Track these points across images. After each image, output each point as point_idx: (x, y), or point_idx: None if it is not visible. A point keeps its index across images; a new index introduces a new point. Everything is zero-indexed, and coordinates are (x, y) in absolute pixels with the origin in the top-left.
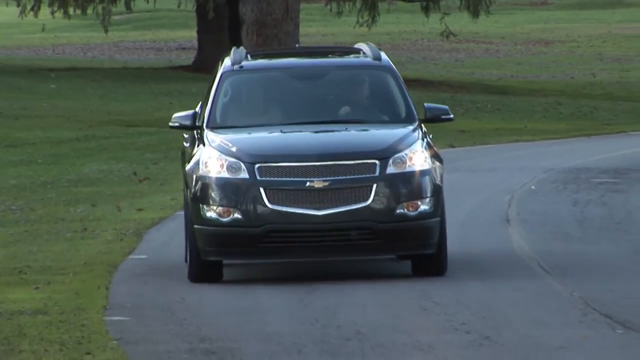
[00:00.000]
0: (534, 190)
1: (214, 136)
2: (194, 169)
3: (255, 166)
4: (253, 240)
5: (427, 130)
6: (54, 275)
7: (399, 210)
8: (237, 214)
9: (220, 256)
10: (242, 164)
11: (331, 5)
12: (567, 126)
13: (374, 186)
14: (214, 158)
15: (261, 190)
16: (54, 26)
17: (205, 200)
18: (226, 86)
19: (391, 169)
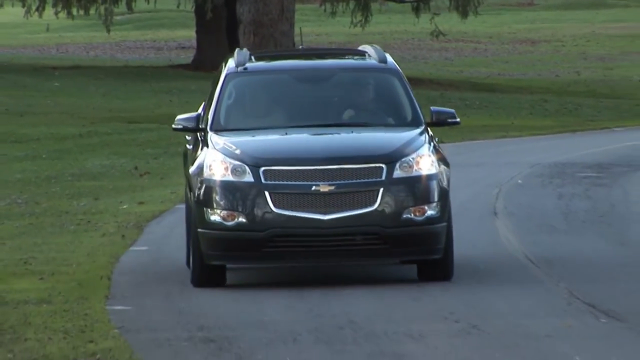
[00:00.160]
0: (521, 184)
1: (218, 139)
2: (198, 172)
3: (260, 169)
4: (257, 244)
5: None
6: (58, 266)
7: (406, 215)
8: (242, 218)
9: (224, 260)
10: (247, 167)
11: (325, 5)
12: (553, 122)
13: (381, 190)
14: (219, 161)
15: (266, 194)
16: (58, 26)
17: (209, 203)
18: (230, 88)
19: (398, 173)
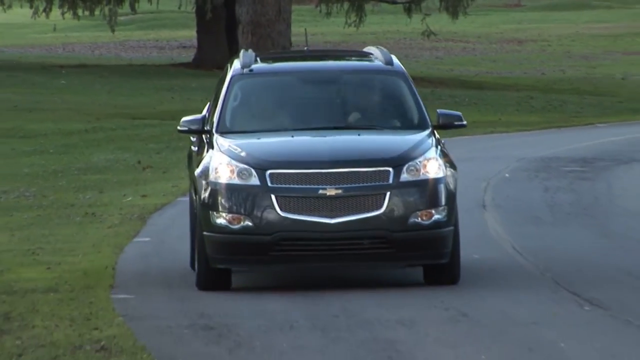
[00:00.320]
0: (508, 177)
1: (224, 141)
2: (204, 175)
3: (266, 172)
4: (264, 248)
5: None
6: (65, 256)
7: (413, 219)
8: (248, 222)
9: (229, 264)
10: (253, 170)
11: (321, 6)
12: (539, 119)
13: (388, 194)
14: (224, 164)
15: (272, 197)
16: (64, 26)
17: (214, 206)
18: (236, 90)
19: (405, 177)
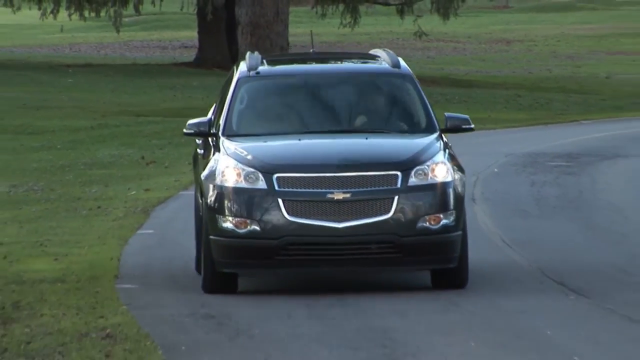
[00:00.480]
0: (497, 172)
1: (230, 144)
2: (210, 178)
3: (273, 176)
4: (270, 252)
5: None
6: (71, 248)
7: (421, 223)
8: (255, 226)
9: (235, 268)
10: (260, 174)
11: (317, 8)
12: (526, 116)
13: (396, 198)
14: (231, 167)
15: (279, 201)
16: (71, 27)
17: (221, 210)
18: (242, 93)
19: (413, 181)
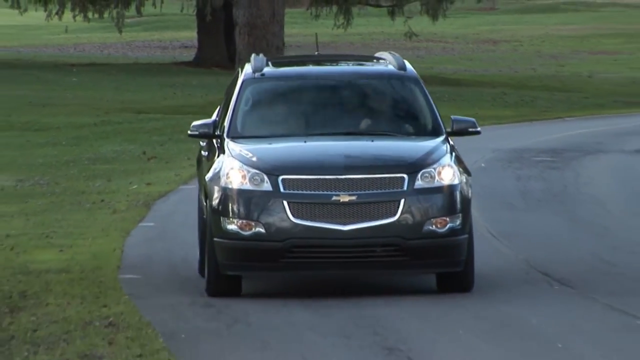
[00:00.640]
0: (484, 167)
1: (235, 146)
2: (215, 180)
3: (279, 178)
4: (275, 255)
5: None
6: (76, 239)
7: (428, 226)
8: (259, 228)
9: (240, 270)
10: (265, 176)
11: (311, 9)
12: (512, 113)
13: (402, 201)
14: (236, 169)
15: (285, 203)
16: (76, 28)
17: (225, 212)
18: (247, 94)
19: (419, 184)
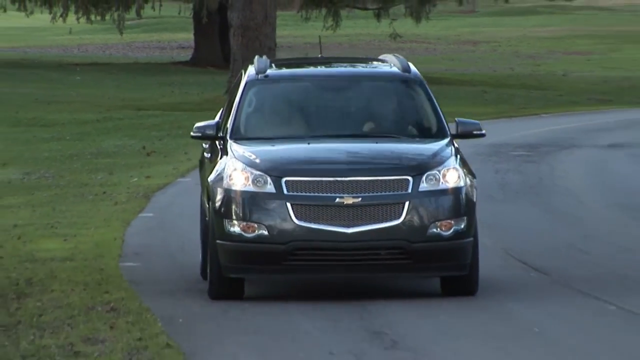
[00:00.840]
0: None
1: (238, 147)
2: (217, 182)
3: (282, 180)
4: (278, 257)
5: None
6: (79, 229)
7: (432, 229)
8: (262, 230)
9: (242, 273)
10: (269, 178)
11: (302, 12)
12: (491, 110)
13: (406, 204)
14: (239, 170)
15: (288, 205)
16: (79, 29)
17: (228, 214)
18: (250, 96)
19: (424, 186)
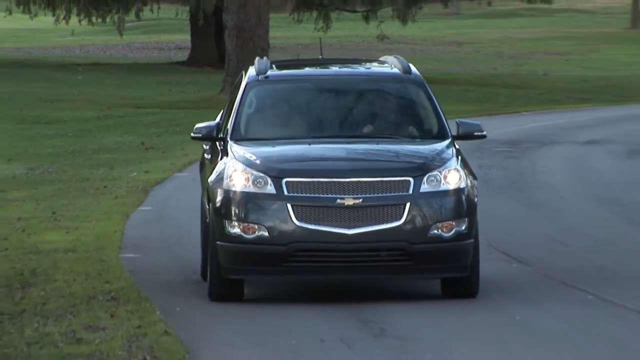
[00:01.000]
0: None
1: (239, 148)
2: (218, 183)
3: (282, 181)
4: (278, 259)
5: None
6: (81, 222)
7: (433, 230)
8: (263, 231)
9: (242, 274)
10: (269, 179)
11: (294, 14)
12: (475, 108)
13: (407, 205)
14: (239, 171)
15: (288, 206)
16: (81, 31)
17: (228, 215)
18: (251, 97)
19: (425, 188)
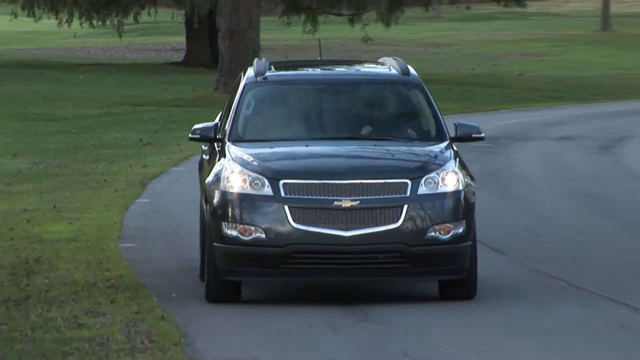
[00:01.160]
0: None
1: (236, 150)
2: (215, 184)
3: (280, 183)
4: (276, 260)
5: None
6: (83, 213)
7: (431, 233)
8: (260, 233)
9: (240, 276)
10: (266, 180)
11: (283, 18)
12: (455, 106)
13: (405, 207)
14: (237, 173)
15: (285, 208)
16: (83, 33)
17: (225, 217)
18: (249, 98)
19: (423, 190)
